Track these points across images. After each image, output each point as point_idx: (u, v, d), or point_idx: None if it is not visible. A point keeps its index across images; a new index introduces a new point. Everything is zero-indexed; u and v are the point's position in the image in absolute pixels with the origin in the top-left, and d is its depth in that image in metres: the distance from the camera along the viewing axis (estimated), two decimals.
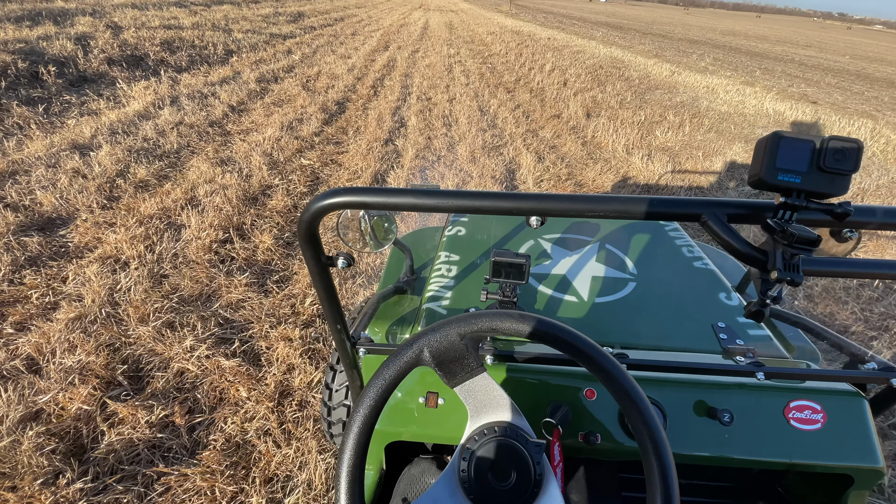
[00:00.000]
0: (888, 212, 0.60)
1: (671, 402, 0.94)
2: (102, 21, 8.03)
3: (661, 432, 0.56)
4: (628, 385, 0.57)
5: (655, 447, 0.55)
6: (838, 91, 11.17)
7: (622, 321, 1.15)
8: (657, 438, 0.55)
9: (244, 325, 2.26)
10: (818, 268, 0.58)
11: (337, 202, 0.68)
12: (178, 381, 2.00)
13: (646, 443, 0.56)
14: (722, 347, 1.08)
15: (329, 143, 4.76)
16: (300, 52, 9.06)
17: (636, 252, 1.43)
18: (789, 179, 0.56)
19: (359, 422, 0.59)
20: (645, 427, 0.56)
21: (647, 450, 0.56)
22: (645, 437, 0.56)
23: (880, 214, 0.60)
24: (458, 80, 8.17)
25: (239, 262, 2.71)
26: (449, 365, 0.62)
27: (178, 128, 4.57)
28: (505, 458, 0.61)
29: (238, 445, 1.75)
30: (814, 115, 6.71)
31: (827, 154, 0.55)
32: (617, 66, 9.92)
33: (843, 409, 0.95)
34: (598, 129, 5.63)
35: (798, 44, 28.30)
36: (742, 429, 0.91)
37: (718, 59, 14.97)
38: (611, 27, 25.36)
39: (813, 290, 2.78)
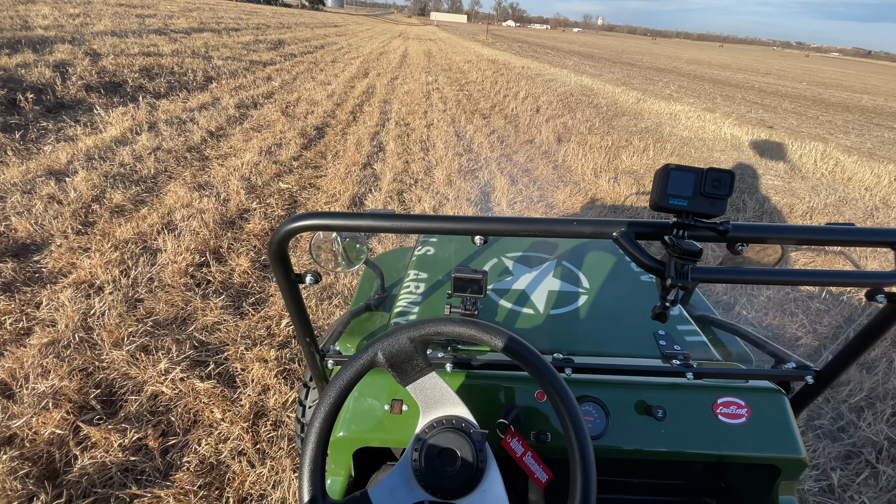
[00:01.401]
0: (759, 228, 0.73)
1: (614, 401, 1.04)
2: (81, 48, 8.05)
3: (579, 416, 0.65)
4: (553, 377, 0.67)
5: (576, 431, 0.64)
6: (794, 116, 11.90)
7: (572, 330, 1.25)
8: (576, 422, 0.65)
9: (219, 348, 2.29)
10: (703, 275, 0.70)
11: (304, 225, 0.77)
12: (152, 404, 2.01)
13: (568, 428, 0.65)
14: (661, 352, 1.19)
15: (308, 168, 4.85)
16: (280, 79, 9.23)
17: (590, 267, 1.55)
18: (678, 203, 0.68)
19: (321, 417, 0.66)
20: (564, 410, 0.65)
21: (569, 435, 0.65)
22: (567, 422, 0.65)
23: (753, 230, 0.72)
24: (436, 106, 8.43)
25: (215, 286, 2.74)
26: (401, 366, 0.71)
27: (155, 153, 4.60)
28: (451, 445, 0.70)
29: (212, 466, 1.77)
30: (769, 139, 7.16)
31: (707, 182, 0.67)
32: (587, 93, 10.39)
33: (766, 405, 1.06)
34: (568, 154, 5.88)
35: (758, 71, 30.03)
36: (675, 424, 1.02)
37: (683, 87, 15.80)
38: (583, 56, 26.52)
39: (759, 300, 2.96)
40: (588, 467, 0.63)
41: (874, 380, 2.37)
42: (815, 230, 0.75)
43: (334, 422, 0.68)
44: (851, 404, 2.24)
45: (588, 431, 0.65)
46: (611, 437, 1.01)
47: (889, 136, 10.51)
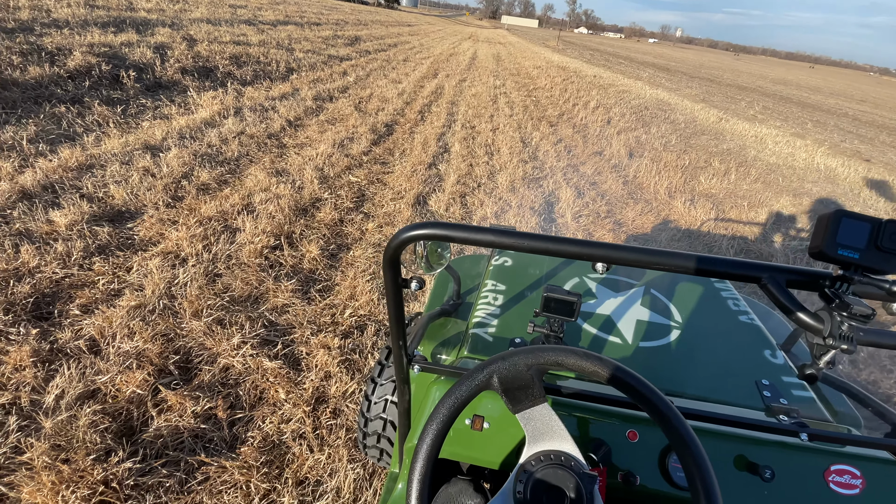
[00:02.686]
0: None
1: (713, 452, 0.96)
2: (179, 33, 8.72)
3: (716, 487, 0.60)
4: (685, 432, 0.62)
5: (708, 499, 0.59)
6: (893, 150, 10.76)
7: (665, 368, 1.17)
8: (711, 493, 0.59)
9: (287, 330, 2.38)
10: (872, 338, 0.62)
11: (423, 234, 0.77)
12: (224, 376, 2.11)
13: (699, 493, 0.60)
14: (765, 405, 1.09)
15: (376, 163, 4.96)
16: (354, 74, 9.53)
17: (681, 300, 1.45)
18: (849, 255, 0.61)
19: (431, 434, 0.65)
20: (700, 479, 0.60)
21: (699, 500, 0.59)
22: (699, 489, 0.60)
23: None
24: (503, 110, 8.37)
25: (286, 269, 2.85)
26: (514, 392, 0.68)
27: (239, 137, 4.88)
28: (560, 484, 0.66)
29: (274, 445, 1.83)
30: (867, 174, 6.50)
31: (884, 234, 0.59)
32: (662, 108, 9.93)
33: (883, 478, 0.95)
34: (640, 170, 5.64)
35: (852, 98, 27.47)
36: (782, 487, 0.92)
37: (768, 108, 14.73)
38: (658, 68, 25.42)
39: (858, 355, 2.67)
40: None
41: None
42: None
43: (443, 441, 0.67)
44: None
45: (719, 494, 0.59)
46: None
47: None
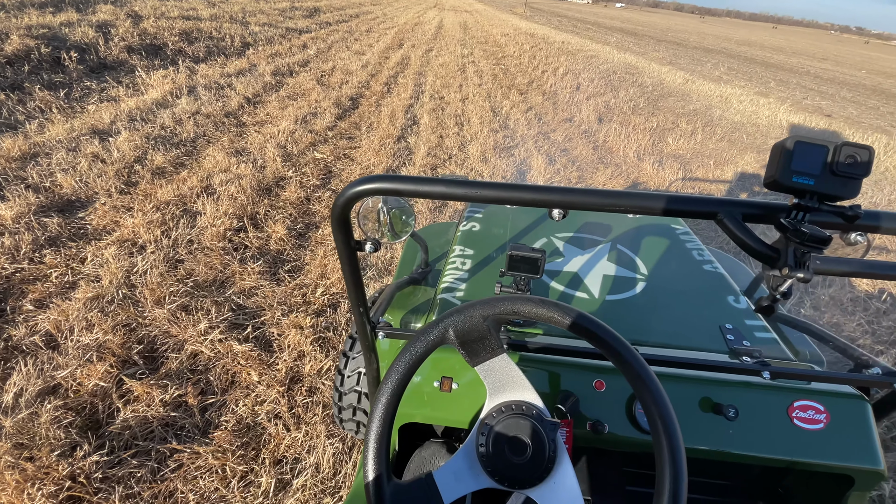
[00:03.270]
0: None
1: (678, 397, 0.97)
2: (123, 10, 8.14)
3: (674, 422, 0.59)
4: (640, 367, 0.61)
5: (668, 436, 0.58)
6: (853, 105, 11.10)
7: (631, 318, 1.18)
8: (670, 428, 0.58)
9: (256, 312, 2.31)
10: (827, 266, 0.62)
11: (371, 188, 0.72)
12: (192, 362, 2.05)
13: (658, 431, 0.59)
14: (729, 348, 1.10)
15: (342, 138, 4.81)
16: (315, 47, 9.13)
17: (647, 253, 1.46)
18: (803, 182, 0.59)
19: (387, 394, 0.62)
20: (659, 415, 0.59)
21: (659, 438, 0.59)
22: (658, 426, 0.59)
23: (888, 219, 0.63)
24: (471, 80, 8.20)
25: (252, 251, 2.76)
26: (471, 344, 0.65)
27: (194, 117, 4.64)
28: (521, 434, 0.65)
29: (249, 427, 1.80)
30: (828, 129, 6.68)
31: (839, 158, 0.58)
32: (630, 71, 9.91)
33: (846, 412, 0.97)
34: (609, 134, 5.64)
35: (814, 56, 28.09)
36: (746, 425, 0.94)
37: (733, 69, 14.91)
38: (625, 33, 25.29)
39: (820, 299, 2.79)
40: (679, 467, 0.57)
41: None
42: None
43: (400, 399, 0.64)
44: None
45: (679, 431, 0.59)
46: None
47: None
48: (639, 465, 1.29)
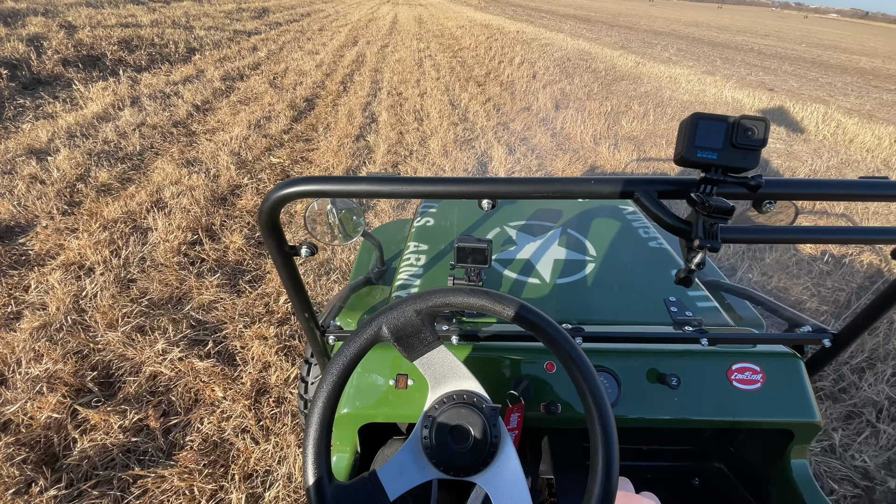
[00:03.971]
0: (796, 183, 0.67)
1: (626, 370, 1.01)
2: (56, 21, 7.68)
3: (603, 397, 0.61)
4: (570, 347, 0.62)
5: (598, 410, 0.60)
6: (794, 78, 11.66)
7: (581, 299, 1.21)
8: (600, 402, 0.60)
9: (217, 326, 2.25)
10: (735, 235, 0.65)
11: (296, 191, 0.71)
12: (151, 384, 1.98)
13: (589, 405, 0.61)
14: (672, 319, 1.15)
15: (299, 141, 4.71)
16: (266, 49, 8.88)
17: (596, 235, 1.50)
18: (707, 156, 0.62)
19: (323, 396, 0.62)
20: (588, 389, 0.61)
21: (591, 413, 0.61)
22: (588, 399, 0.61)
23: (789, 185, 0.67)
24: (429, 74, 8.17)
25: (210, 264, 2.67)
26: (407, 340, 0.66)
27: (139, 129, 4.44)
28: (463, 422, 0.66)
29: (216, 444, 1.75)
30: (770, 102, 7.01)
31: (738, 131, 0.61)
32: (584, 58, 10.09)
33: (781, 370, 1.03)
34: (566, 121, 5.74)
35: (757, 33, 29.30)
36: (689, 391, 0.99)
37: (682, 50, 15.39)
38: (579, 20, 25.70)
39: (765, 262, 2.94)
40: (609, 437, 0.59)
41: (875, 341, 2.37)
42: (850, 184, 0.69)
43: (338, 400, 0.64)
44: (853, 366, 2.25)
45: (608, 400, 0.61)
46: (623, 407, 0.98)
47: (888, 97, 10.34)
48: None
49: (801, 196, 0.68)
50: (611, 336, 1.02)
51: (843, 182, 0.69)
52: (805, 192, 0.67)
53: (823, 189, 0.68)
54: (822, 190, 0.68)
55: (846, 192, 0.68)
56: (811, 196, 0.68)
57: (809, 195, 0.68)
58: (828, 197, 0.69)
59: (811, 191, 0.67)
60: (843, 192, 0.68)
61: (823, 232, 0.70)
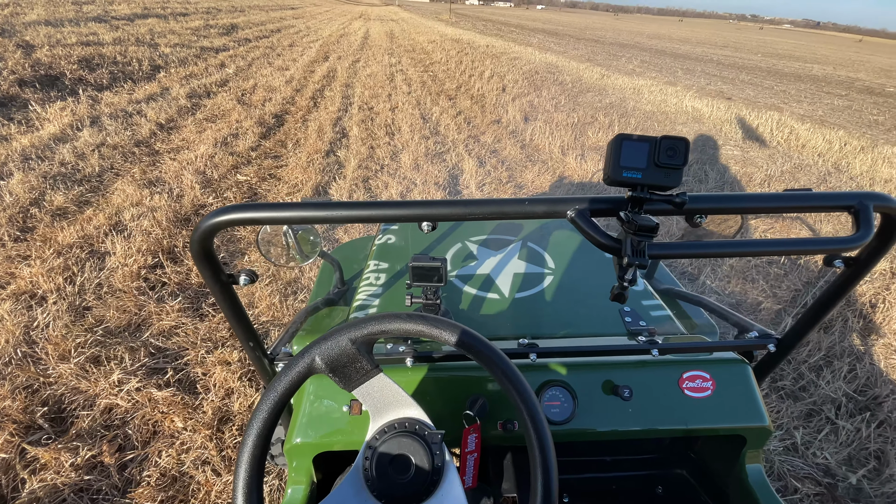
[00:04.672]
0: (717, 198, 0.69)
1: (581, 384, 1.01)
2: (12, 40, 7.42)
3: (535, 406, 0.61)
4: (507, 369, 0.62)
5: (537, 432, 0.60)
6: (751, 87, 12.22)
7: (537, 313, 1.22)
8: (538, 423, 0.60)
9: (178, 353, 2.17)
10: (660, 251, 0.66)
11: (228, 219, 0.69)
12: (106, 418, 1.89)
13: (528, 426, 0.61)
14: (627, 330, 1.17)
15: (267, 158, 4.65)
16: (234, 66, 8.79)
17: (555, 248, 1.51)
18: (632, 176, 0.64)
19: (253, 433, 0.60)
20: (519, 401, 0.61)
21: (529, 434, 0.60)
22: (524, 415, 0.61)
23: (711, 200, 0.69)
24: (400, 88, 8.22)
25: (171, 288, 2.59)
26: (343, 370, 0.64)
27: (99, 149, 4.30)
28: (405, 451, 0.64)
29: (174, 479, 1.68)
30: (728, 111, 7.31)
31: (661, 151, 0.63)
32: (552, 71, 10.34)
33: (730, 376, 1.05)
34: (535, 133, 5.85)
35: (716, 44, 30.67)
36: (642, 402, 1.00)
37: (645, 62, 15.96)
38: (547, 33, 26.41)
39: (722, 269, 3.03)
40: (548, 458, 0.59)
41: (831, 339, 2.46)
42: (772, 197, 0.72)
43: (270, 436, 0.62)
44: (811, 364, 2.32)
45: (544, 421, 0.61)
46: (579, 421, 0.98)
47: (838, 103, 10.94)
48: (563, 453, 1.33)
49: (723, 210, 0.70)
50: (564, 350, 1.02)
51: (763, 196, 0.71)
52: (726, 206, 0.70)
53: (745, 203, 0.71)
54: (743, 204, 0.70)
55: (768, 206, 0.71)
56: (733, 210, 0.71)
57: (731, 209, 0.71)
58: (750, 210, 0.71)
59: (732, 205, 0.70)
60: (764, 205, 0.71)
61: (746, 245, 0.72)
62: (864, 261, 0.82)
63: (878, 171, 5.19)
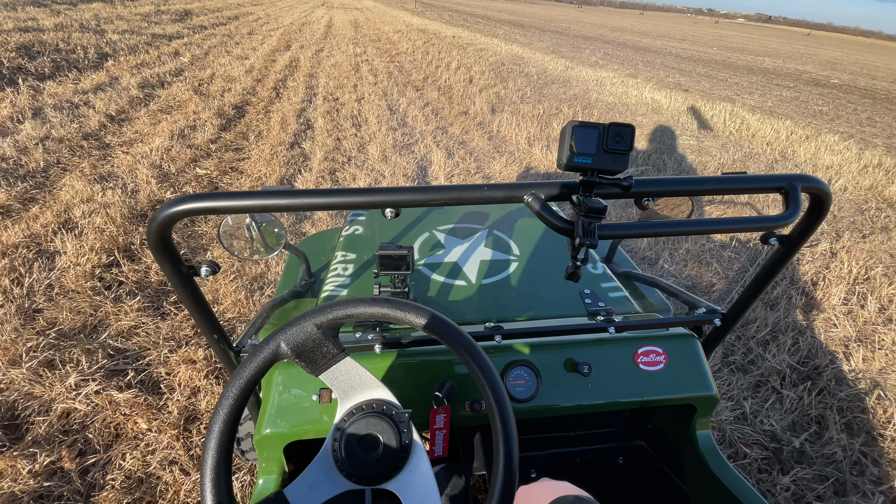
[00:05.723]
0: (661, 181, 0.74)
1: (544, 363, 1.06)
2: None
3: (497, 381, 0.64)
4: (469, 346, 0.65)
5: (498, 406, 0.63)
6: (706, 79, 12.71)
7: (502, 298, 1.26)
8: (495, 387, 0.63)
9: (139, 354, 2.10)
10: (610, 232, 0.71)
11: (186, 209, 0.68)
12: (64, 423, 1.81)
13: (486, 392, 0.64)
14: (587, 310, 1.22)
15: (228, 150, 4.50)
16: (190, 54, 8.41)
17: (521, 234, 1.56)
18: (583, 161, 0.67)
19: (219, 421, 0.60)
20: (483, 377, 0.64)
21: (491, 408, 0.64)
22: (484, 386, 0.64)
23: (655, 184, 0.74)
24: (366, 79, 8.10)
25: (129, 286, 2.49)
26: (309, 355, 0.66)
27: (43, 143, 4.05)
28: (372, 431, 0.66)
29: (140, 480, 1.64)
30: (685, 102, 7.60)
31: (609, 137, 0.66)
32: (518, 62, 10.43)
33: (681, 350, 1.13)
34: (502, 124, 5.91)
35: (675, 38, 31.63)
36: (600, 377, 1.05)
37: (608, 54, 16.31)
38: (513, 25, 26.52)
39: (678, 253, 3.19)
40: (509, 432, 0.62)
41: (777, 315, 2.64)
42: (711, 180, 0.78)
43: (237, 424, 0.63)
44: (759, 339, 2.49)
45: (503, 389, 0.64)
46: (543, 398, 1.03)
47: (786, 94, 11.54)
48: (527, 431, 1.39)
49: (667, 193, 0.75)
50: (528, 331, 1.07)
51: (703, 179, 0.77)
52: (669, 189, 0.75)
53: (686, 186, 0.76)
54: (685, 186, 0.76)
55: (707, 188, 0.77)
56: (676, 192, 0.76)
57: (674, 192, 0.76)
58: (691, 193, 0.77)
59: (675, 188, 0.75)
60: (703, 187, 0.76)
61: (688, 224, 0.77)
62: (796, 238, 0.90)
63: (821, 158, 5.54)
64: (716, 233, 0.78)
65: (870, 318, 2.70)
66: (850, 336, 2.56)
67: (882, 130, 7.76)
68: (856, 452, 1.93)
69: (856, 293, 2.90)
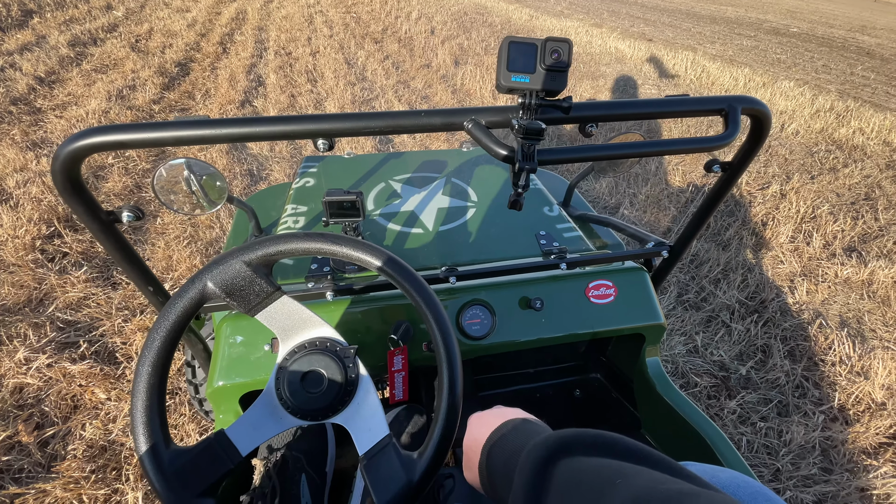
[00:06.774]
0: (601, 105, 0.73)
1: (499, 301, 1.07)
2: None
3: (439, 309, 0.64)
4: (406, 273, 0.64)
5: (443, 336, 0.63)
6: (670, 28, 12.61)
7: (459, 243, 1.25)
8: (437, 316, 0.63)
9: (91, 325, 2.02)
10: (549, 157, 0.70)
11: (94, 142, 0.62)
12: (18, 398, 1.75)
13: (428, 320, 0.63)
14: (542, 251, 1.23)
15: (173, 111, 4.21)
16: (124, 8, 7.67)
17: (479, 181, 1.54)
18: (521, 80, 0.65)
19: (147, 363, 0.58)
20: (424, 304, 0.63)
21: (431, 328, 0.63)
22: (427, 314, 0.63)
23: (596, 107, 0.72)
24: (321, 31, 7.63)
25: (74, 257, 2.36)
26: (240, 293, 0.63)
27: None
28: (316, 367, 0.66)
29: (103, 448, 1.61)
30: (648, 51, 7.55)
31: (546, 53, 0.64)
32: (481, 11, 10.02)
33: (630, 283, 1.16)
34: (466, 77, 5.73)
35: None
36: (553, 312, 1.08)
37: (573, 3, 15.87)
38: None
39: (639, 198, 3.26)
40: (453, 362, 0.63)
41: (728, 255, 2.77)
42: (653, 103, 0.77)
43: (167, 367, 0.60)
44: (711, 278, 2.61)
45: (444, 315, 0.64)
46: (498, 335, 1.05)
47: (747, 43, 11.62)
48: (486, 370, 1.43)
49: (609, 117, 0.74)
50: (482, 272, 1.07)
51: (645, 102, 0.76)
52: (610, 112, 0.74)
53: (630, 109, 0.75)
54: (629, 110, 0.75)
55: (649, 111, 0.76)
56: (620, 116, 0.75)
57: (615, 115, 0.75)
58: (633, 116, 0.76)
59: (616, 111, 0.74)
60: (646, 110, 0.76)
61: (627, 147, 0.77)
62: (738, 164, 0.91)
63: (776, 104, 5.67)
64: (656, 154, 0.78)
65: (814, 254, 2.86)
66: (796, 271, 2.72)
67: (836, 77, 7.97)
68: (798, 377, 2.09)
69: (802, 231, 3.06)
